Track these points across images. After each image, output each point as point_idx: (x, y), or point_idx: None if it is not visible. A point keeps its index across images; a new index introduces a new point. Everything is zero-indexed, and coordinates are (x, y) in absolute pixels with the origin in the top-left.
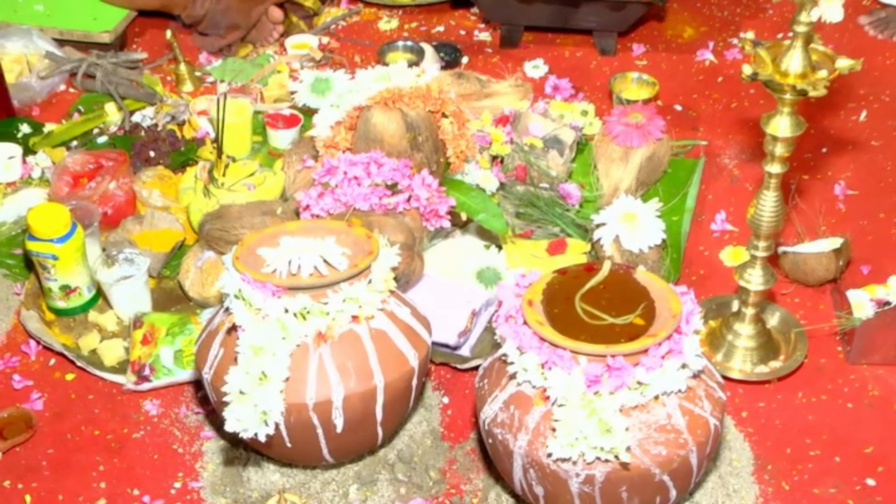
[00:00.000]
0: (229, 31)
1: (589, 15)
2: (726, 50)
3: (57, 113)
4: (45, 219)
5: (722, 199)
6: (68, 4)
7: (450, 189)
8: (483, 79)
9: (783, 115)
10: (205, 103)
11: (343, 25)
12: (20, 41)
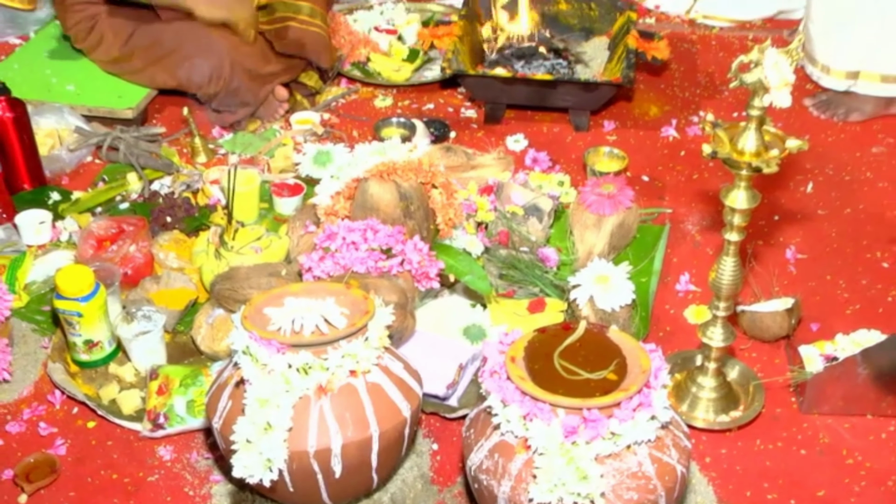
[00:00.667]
0: (240, 109)
1: (565, 95)
2: (687, 127)
3: (84, 182)
4: (72, 279)
5: (685, 262)
6: (96, 84)
7: (439, 253)
8: (469, 152)
9: (740, 189)
10: (217, 173)
11: (342, 103)
12: (53, 117)
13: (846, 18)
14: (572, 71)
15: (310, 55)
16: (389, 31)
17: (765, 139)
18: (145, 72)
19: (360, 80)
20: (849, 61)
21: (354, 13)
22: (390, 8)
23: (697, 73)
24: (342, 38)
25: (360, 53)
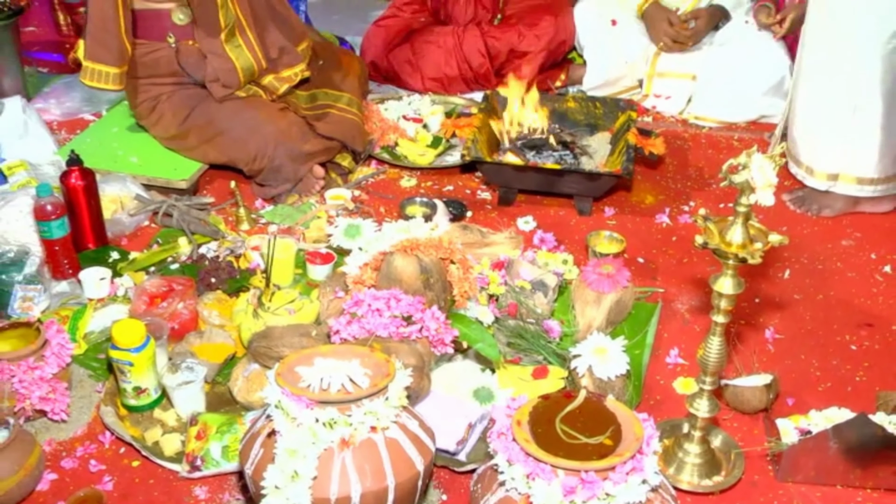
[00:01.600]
0: (281, 184)
1: (571, 183)
2: (679, 215)
3: (140, 243)
4: (126, 332)
5: (675, 338)
6: (156, 157)
7: (454, 322)
8: (483, 231)
9: (727, 277)
10: (258, 240)
11: (372, 181)
12: (117, 185)
13: (825, 123)
14: (578, 162)
15: (345, 139)
16: (416, 120)
17: (750, 233)
18: (199, 148)
19: (388, 162)
20: (829, 164)
21: (386, 103)
22: (417, 99)
23: (689, 167)
24: (374, 124)
25: (390, 138)
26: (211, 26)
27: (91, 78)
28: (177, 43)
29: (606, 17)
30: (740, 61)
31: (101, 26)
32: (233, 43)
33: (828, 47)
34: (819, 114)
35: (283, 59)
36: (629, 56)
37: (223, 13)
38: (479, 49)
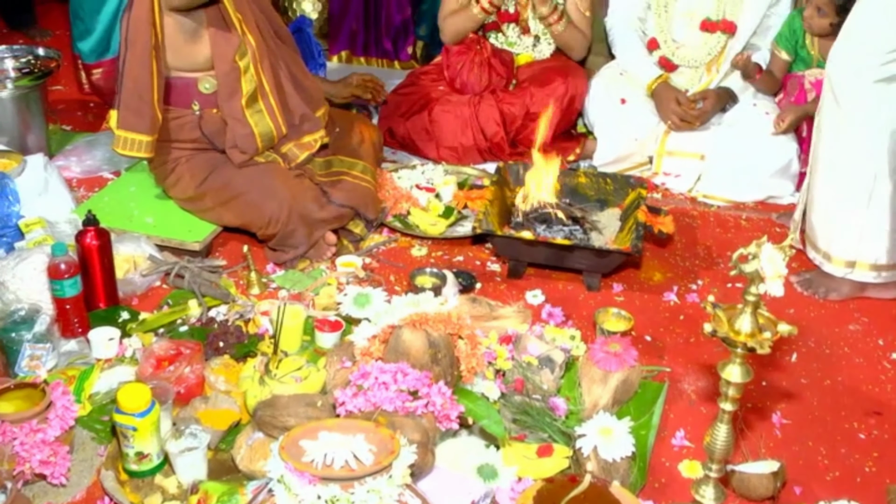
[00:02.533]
0: (293, 249)
1: (580, 258)
2: (687, 294)
3: (151, 304)
4: (131, 397)
5: (681, 419)
6: (171, 218)
7: (460, 397)
8: (492, 304)
9: (735, 365)
10: (268, 305)
11: (383, 249)
12: (131, 245)
13: (842, 212)
14: (588, 237)
15: (359, 206)
16: (429, 189)
17: (759, 322)
18: (214, 210)
19: (399, 231)
20: (846, 251)
21: (399, 171)
22: (431, 169)
23: (697, 246)
24: (387, 193)
25: (402, 207)
26: (233, 91)
27: (124, 146)
28: (201, 110)
29: (616, 95)
30: (748, 143)
31: (135, 95)
32: (254, 108)
33: (841, 138)
34: (835, 202)
35: (304, 126)
36: (639, 134)
37: (245, 79)
38: (495, 118)
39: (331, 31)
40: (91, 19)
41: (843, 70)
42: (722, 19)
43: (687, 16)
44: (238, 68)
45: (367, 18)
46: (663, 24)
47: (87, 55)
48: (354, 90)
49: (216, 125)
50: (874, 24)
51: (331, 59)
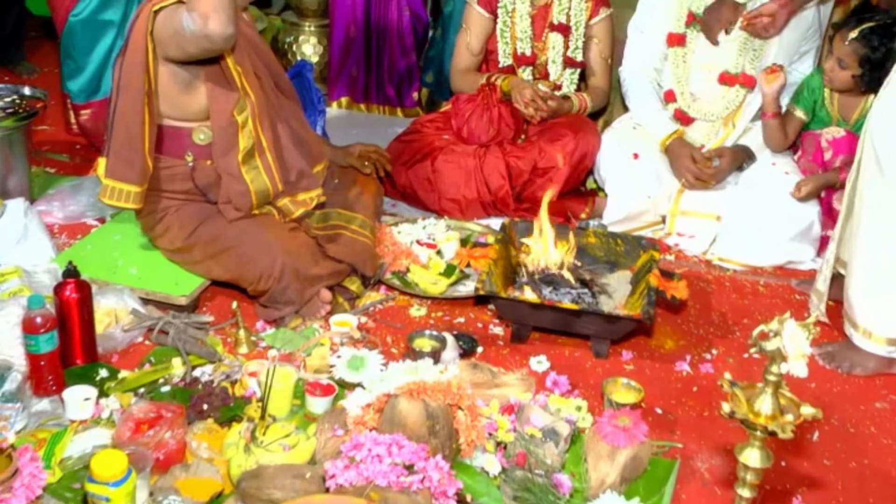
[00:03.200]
0: (285, 306)
1: (588, 324)
2: (701, 363)
3: (132, 361)
4: (106, 465)
5: (694, 500)
6: (157, 270)
7: (458, 472)
8: (494, 370)
9: (754, 448)
10: (256, 366)
11: (380, 308)
12: (113, 298)
13: (887, 286)
14: (596, 301)
15: (356, 262)
16: (430, 246)
17: (780, 403)
18: (203, 263)
19: (398, 289)
20: (890, 328)
21: (399, 225)
22: (432, 224)
23: (711, 312)
24: (386, 248)
25: (401, 264)
26: (229, 147)
27: (111, 196)
28: (194, 161)
29: (628, 150)
30: (767, 204)
31: (126, 144)
32: (250, 164)
33: (887, 208)
34: (881, 276)
35: (301, 183)
36: (652, 191)
37: (243, 135)
38: (500, 171)
39: (330, 76)
40: (82, 58)
41: (890, 136)
42: (741, 73)
43: (705, 68)
44: (236, 123)
45: (368, 64)
46: (680, 76)
47: (77, 95)
48: (354, 161)
49: (210, 177)
50: None
51: (330, 104)
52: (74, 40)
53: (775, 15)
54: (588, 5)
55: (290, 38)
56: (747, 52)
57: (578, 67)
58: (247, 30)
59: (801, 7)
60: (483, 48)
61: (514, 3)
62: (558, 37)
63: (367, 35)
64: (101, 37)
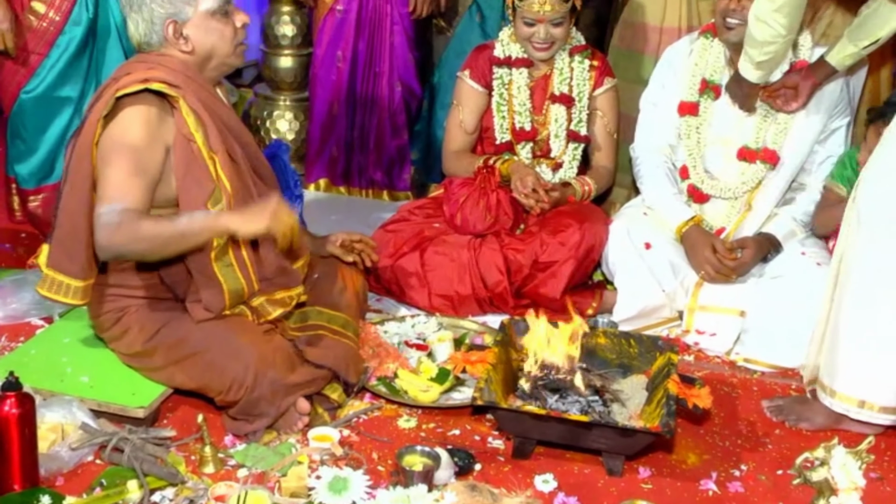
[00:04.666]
0: (258, 419)
1: (599, 437)
2: (729, 481)
3: (80, 485)
4: None
5: None
6: (112, 377)
7: None
8: (494, 492)
9: None
10: (224, 489)
11: (365, 419)
12: (60, 411)
13: (868, 348)
14: (608, 410)
15: (338, 368)
16: (420, 347)
17: None
18: (165, 370)
19: (384, 397)
20: (860, 390)
21: (386, 324)
22: (422, 321)
23: (738, 421)
24: (370, 350)
25: (388, 368)
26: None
27: (50, 288)
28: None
29: (640, 239)
30: (796, 298)
31: (70, 232)
32: (223, 261)
33: (869, 268)
34: (864, 339)
35: (279, 280)
36: (667, 285)
37: None
38: (498, 265)
39: (308, 156)
40: (34, 139)
41: (872, 190)
42: (763, 148)
43: (722, 142)
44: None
45: (350, 144)
46: (693, 149)
47: (26, 179)
48: (336, 250)
49: (179, 274)
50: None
51: (307, 186)
52: (25, 119)
53: (798, 87)
54: (592, 74)
55: (263, 112)
56: (769, 125)
57: (583, 142)
58: (221, 109)
59: (825, 79)
60: (478, 126)
61: (510, 75)
62: (560, 108)
63: (352, 112)
64: (55, 115)
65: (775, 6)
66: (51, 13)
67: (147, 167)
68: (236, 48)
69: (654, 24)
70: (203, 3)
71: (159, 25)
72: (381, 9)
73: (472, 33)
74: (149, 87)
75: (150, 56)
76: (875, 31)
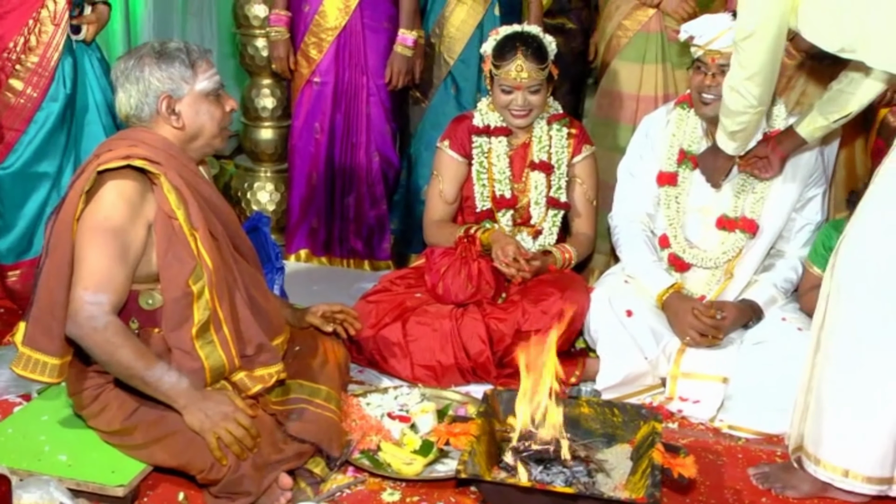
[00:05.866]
0: (240, 497)
1: None
2: None
3: None
4: None
5: None
6: (90, 455)
7: None
8: None
9: None
10: None
11: (348, 493)
12: (37, 492)
13: (850, 415)
14: (593, 480)
15: (321, 442)
16: (403, 419)
17: None
18: (146, 448)
19: (368, 470)
20: (843, 458)
21: (368, 396)
22: (405, 393)
23: (724, 490)
24: (353, 423)
25: (371, 440)
26: (182, 319)
27: (25, 367)
28: (140, 329)
29: (621, 307)
30: (778, 363)
31: (47, 310)
32: (204, 339)
33: (845, 330)
34: (844, 408)
35: (260, 358)
36: (649, 352)
37: (198, 305)
38: (480, 334)
39: (289, 227)
40: (12, 214)
41: (849, 258)
42: (741, 217)
43: (700, 212)
44: (191, 294)
45: (330, 214)
46: (673, 219)
47: (4, 255)
48: (315, 320)
49: (158, 348)
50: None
51: (288, 257)
52: (3, 195)
53: (769, 157)
54: (570, 142)
55: (244, 184)
56: (746, 193)
57: (562, 209)
58: (202, 186)
59: (794, 149)
60: (458, 195)
61: (490, 143)
62: (540, 176)
63: (330, 183)
64: (33, 191)
65: (747, 75)
66: (28, 90)
67: (129, 249)
68: (222, 131)
69: (630, 93)
70: (199, 83)
71: (153, 99)
72: (358, 80)
73: (447, 105)
74: (130, 163)
75: (133, 132)
76: (845, 105)
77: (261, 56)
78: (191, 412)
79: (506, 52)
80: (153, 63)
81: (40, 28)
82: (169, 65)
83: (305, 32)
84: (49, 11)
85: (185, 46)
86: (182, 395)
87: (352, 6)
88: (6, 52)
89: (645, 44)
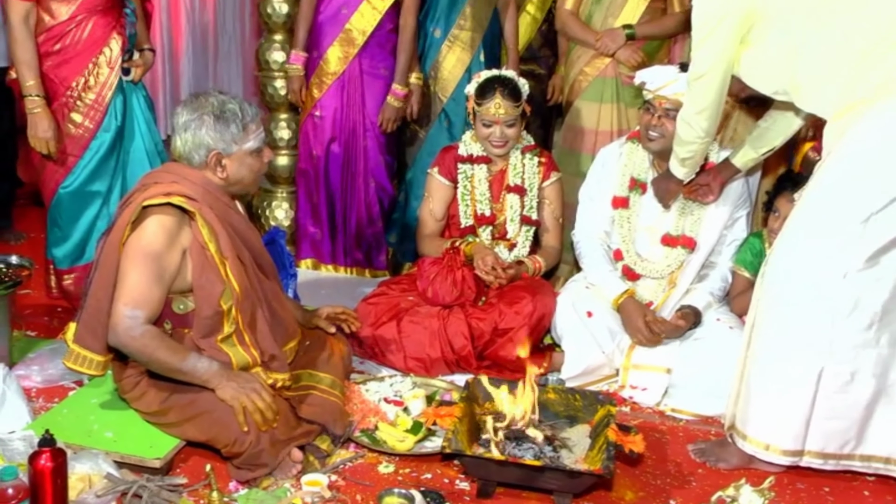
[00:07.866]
0: (259, 468)
1: (551, 479)
2: None
3: None
4: None
5: None
6: (132, 432)
7: None
8: None
9: None
10: None
11: (350, 466)
12: (88, 463)
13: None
14: (558, 455)
15: (326, 422)
16: (397, 403)
17: None
18: (179, 426)
19: (367, 447)
20: (763, 432)
21: (367, 384)
22: (399, 381)
23: (668, 462)
24: (354, 406)
25: (370, 421)
26: (212, 330)
27: (75, 361)
28: (173, 330)
29: (583, 309)
30: (714, 356)
31: (95, 316)
32: (229, 343)
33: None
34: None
35: (272, 365)
36: (606, 347)
37: (227, 320)
38: (463, 332)
39: (296, 238)
40: (68, 227)
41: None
42: (682, 235)
43: (648, 231)
44: (222, 311)
45: (333, 228)
46: (626, 236)
47: (61, 261)
48: (321, 323)
49: (188, 346)
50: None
51: (298, 265)
52: (62, 211)
53: (710, 184)
54: (540, 169)
55: (264, 202)
56: (686, 215)
57: (534, 226)
58: (234, 217)
59: (730, 178)
60: (445, 213)
61: (472, 170)
62: (515, 197)
63: (332, 203)
64: (87, 207)
65: (697, 110)
66: (86, 122)
67: (165, 271)
68: (257, 178)
69: (590, 128)
70: (247, 144)
71: (204, 152)
72: (356, 118)
73: (441, 136)
74: (170, 200)
75: (179, 167)
76: (771, 141)
77: (279, 94)
78: (223, 387)
79: (486, 92)
80: (211, 123)
81: (98, 71)
82: (225, 127)
83: (312, 74)
84: (105, 57)
85: (241, 110)
86: (215, 375)
87: (350, 56)
88: (69, 90)
89: (602, 87)
